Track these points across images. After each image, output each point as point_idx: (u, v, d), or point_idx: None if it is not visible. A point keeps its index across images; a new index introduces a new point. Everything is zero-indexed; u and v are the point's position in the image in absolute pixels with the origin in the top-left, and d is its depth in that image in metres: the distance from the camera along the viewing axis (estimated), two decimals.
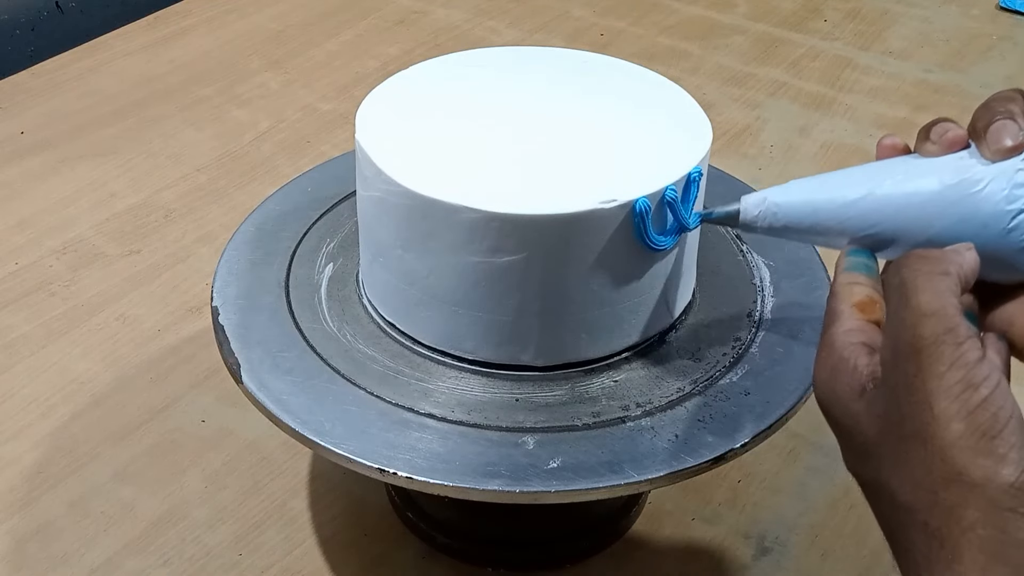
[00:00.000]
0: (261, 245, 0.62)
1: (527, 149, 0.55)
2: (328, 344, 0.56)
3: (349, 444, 0.50)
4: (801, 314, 0.59)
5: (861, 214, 0.46)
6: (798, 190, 0.48)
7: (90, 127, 1.00)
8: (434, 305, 0.54)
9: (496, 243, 0.51)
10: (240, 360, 0.55)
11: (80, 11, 1.21)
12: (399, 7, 1.21)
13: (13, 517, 0.65)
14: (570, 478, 0.49)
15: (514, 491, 0.49)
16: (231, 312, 0.58)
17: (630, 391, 0.54)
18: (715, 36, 1.18)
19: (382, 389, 0.54)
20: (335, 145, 0.97)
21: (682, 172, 0.53)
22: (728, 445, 0.51)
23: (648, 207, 0.52)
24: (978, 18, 1.23)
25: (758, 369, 0.56)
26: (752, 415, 0.53)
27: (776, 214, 0.48)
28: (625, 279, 0.54)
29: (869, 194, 0.46)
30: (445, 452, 0.51)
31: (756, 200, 0.49)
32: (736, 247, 0.64)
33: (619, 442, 0.51)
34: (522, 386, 0.54)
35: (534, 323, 0.53)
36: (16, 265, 0.84)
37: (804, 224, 0.48)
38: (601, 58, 0.63)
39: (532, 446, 0.51)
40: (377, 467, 0.50)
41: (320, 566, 0.63)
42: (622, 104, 0.59)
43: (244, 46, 1.14)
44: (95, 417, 0.72)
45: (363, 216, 0.57)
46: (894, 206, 0.45)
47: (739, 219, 0.49)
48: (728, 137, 1.01)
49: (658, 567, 0.64)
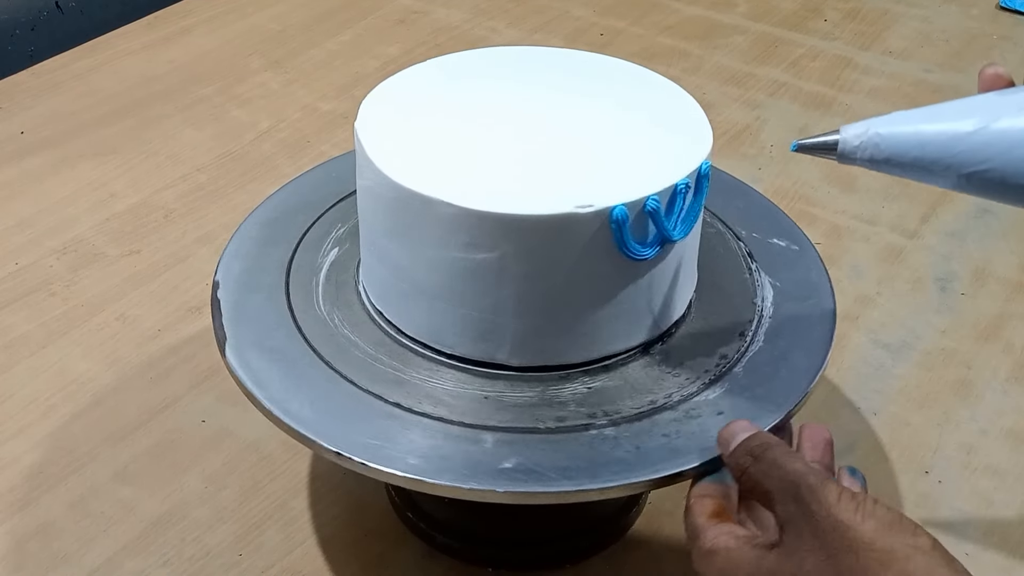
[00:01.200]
0: (274, 226, 0.64)
1: (520, 149, 0.55)
2: (315, 327, 0.58)
3: (314, 424, 0.52)
4: (796, 338, 0.58)
5: (973, 148, 0.43)
6: (904, 120, 0.45)
7: (90, 127, 1.00)
8: (416, 297, 0.55)
9: (472, 239, 0.51)
10: (228, 335, 0.57)
11: (80, 11, 1.21)
12: (399, 7, 1.21)
13: (13, 517, 0.65)
14: (521, 480, 0.49)
15: (462, 487, 0.49)
16: (230, 288, 0.60)
17: (601, 399, 0.54)
18: (715, 36, 1.18)
19: (357, 375, 0.55)
20: (335, 145, 0.97)
21: (669, 181, 0.52)
22: (688, 463, 0.50)
23: (626, 215, 0.51)
24: (978, 18, 1.23)
25: (737, 389, 0.55)
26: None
27: (879, 145, 0.45)
28: (604, 286, 0.53)
29: (983, 127, 0.43)
30: (403, 442, 0.51)
31: (858, 129, 0.46)
32: (745, 264, 0.63)
33: (578, 448, 0.51)
34: (495, 384, 0.55)
35: (509, 322, 0.54)
36: (16, 265, 0.84)
37: (908, 157, 0.45)
38: (601, 58, 0.63)
39: (490, 444, 0.51)
40: (335, 450, 0.50)
41: (320, 566, 0.63)
42: (622, 106, 0.58)
43: (244, 46, 1.14)
44: (95, 417, 0.72)
45: (359, 205, 0.58)
46: (1009, 142, 0.42)
47: (838, 148, 0.46)
48: (728, 137, 1.01)
49: (658, 567, 0.64)
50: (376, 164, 0.54)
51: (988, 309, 0.83)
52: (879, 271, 0.86)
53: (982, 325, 0.81)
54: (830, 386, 0.75)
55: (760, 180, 0.92)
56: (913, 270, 0.86)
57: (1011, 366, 0.78)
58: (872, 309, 0.82)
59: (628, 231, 0.51)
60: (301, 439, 0.52)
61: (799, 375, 0.55)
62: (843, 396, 0.75)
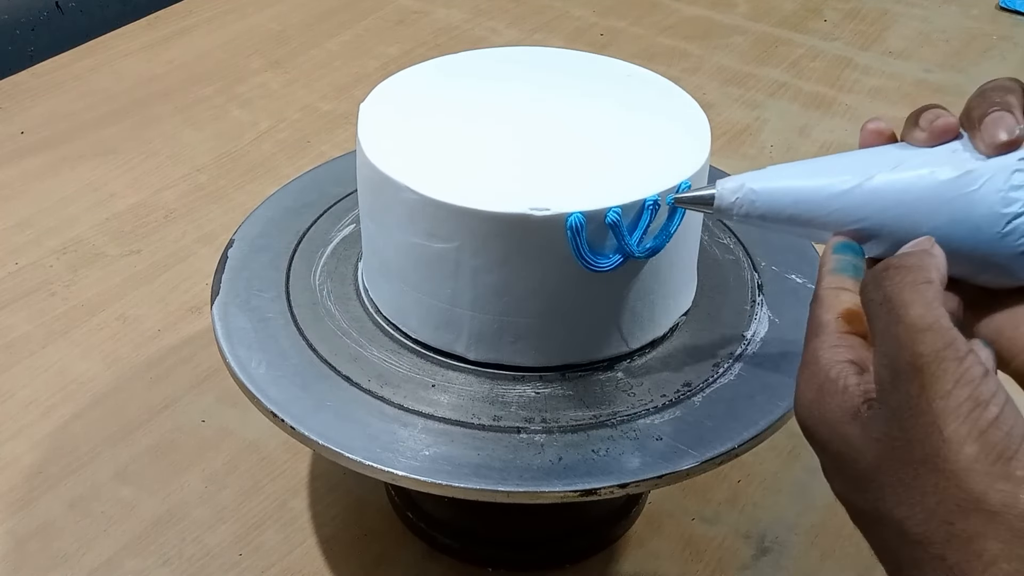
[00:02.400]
0: (304, 197, 0.67)
1: (513, 148, 0.55)
2: (302, 294, 0.59)
3: (262, 386, 0.53)
4: (769, 379, 0.55)
5: (848, 207, 0.42)
6: (779, 176, 0.45)
7: (90, 127, 1.00)
8: (387, 278, 0.56)
9: (431, 228, 0.52)
10: (220, 290, 0.59)
11: (80, 11, 1.21)
12: (399, 7, 1.21)
13: (13, 517, 0.66)
14: (429, 471, 0.49)
15: (373, 466, 0.49)
16: (242, 248, 0.62)
17: (545, 406, 0.53)
18: (715, 36, 1.18)
19: (321, 344, 0.56)
20: (335, 145, 0.97)
21: (639, 195, 0.51)
22: (600, 483, 0.49)
23: (582, 223, 0.50)
24: (978, 18, 1.23)
25: (687, 419, 0.52)
26: (641, 463, 0.50)
27: (754, 202, 0.45)
28: (561, 293, 0.53)
29: (858, 186, 0.42)
30: (330, 416, 0.52)
31: (733, 186, 0.45)
32: (751, 296, 0.60)
33: (499, 449, 0.51)
34: (447, 374, 0.55)
35: (466, 315, 0.54)
36: (16, 265, 0.84)
37: (784, 214, 0.44)
38: (602, 59, 0.63)
39: (417, 430, 0.51)
40: (272, 411, 0.52)
41: (320, 566, 0.63)
42: (620, 108, 0.58)
43: (244, 46, 1.14)
44: (95, 417, 0.72)
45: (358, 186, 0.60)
46: (884, 200, 0.42)
47: (713, 204, 0.46)
48: (728, 137, 1.01)
49: (658, 567, 0.64)
50: (362, 145, 0.55)
51: None
52: None
53: None
54: None
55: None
56: None
57: None
58: None
59: (584, 240, 0.50)
60: (255, 401, 0.54)
61: (757, 416, 0.53)
62: None
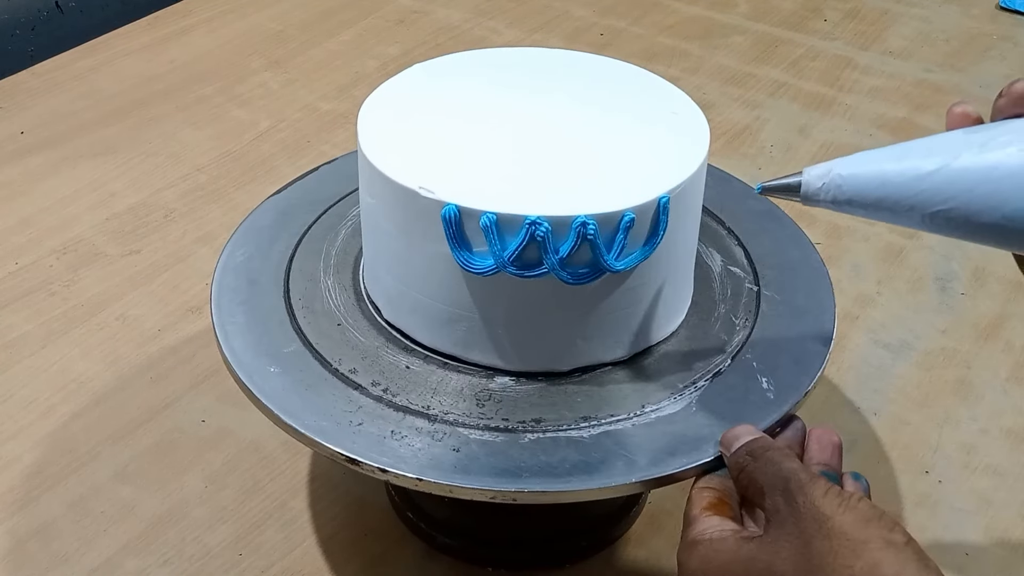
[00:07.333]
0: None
1: (511, 148, 0.55)
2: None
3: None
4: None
5: (935, 188, 0.42)
6: (866, 161, 0.45)
7: (90, 127, 1.00)
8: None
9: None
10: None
11: (80, 11, 1.21)
12: (399, 7, 1.21)
13: (13, 517, 0.65)
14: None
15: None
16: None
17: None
18: (715, 36, 1.18)
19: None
20: (335, 145, 0.97)
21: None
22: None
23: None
24: (978, 18, 1.23)
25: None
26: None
27: (841, 187, 0.45)
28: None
29: (944, 166, 0.42)
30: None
31: (820, 171, 0.46)
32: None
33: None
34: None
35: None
36: (16, 265, 0.84)
37: (871, 198, 0.45)
38: (602, 59, 0.63)
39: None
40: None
41: (320, 566, 0.63)
42: (619, 110, 0.58)
43: (244, 46, 1.14)
44: (95, 417, 0.72)
45: None
46: (970, 180, 0.42)
47: (800, 190, 0.46)
48: (728, 137, 1.01)
49: (658, 567, 0.64)
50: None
51: (988, 309, 0.83)
52: (879, 271, 0.86)
53: (982, 325, 0.81)
54: (830, 386, 0.75)
55: (760, 180, 0.91)
56: (913, 270, 0.86)
57: (1011, 366, 0.78)
58: (872, 309, 0.82)
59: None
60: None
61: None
62: (843, 396, 0.75)
